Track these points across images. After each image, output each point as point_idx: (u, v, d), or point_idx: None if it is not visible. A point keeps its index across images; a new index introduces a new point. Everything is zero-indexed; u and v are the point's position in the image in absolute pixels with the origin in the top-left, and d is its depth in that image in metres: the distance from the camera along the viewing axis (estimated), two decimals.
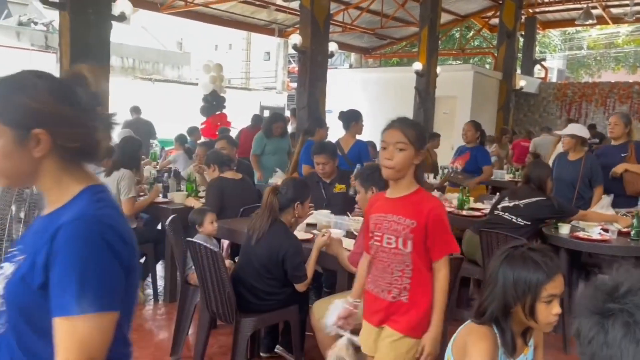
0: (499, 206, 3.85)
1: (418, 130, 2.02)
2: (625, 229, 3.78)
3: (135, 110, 9.46)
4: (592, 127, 11.08)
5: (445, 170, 6.54)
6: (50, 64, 12.23)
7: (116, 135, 8.23)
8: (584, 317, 0.90)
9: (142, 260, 4.45)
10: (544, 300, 1.50)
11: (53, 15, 13.58)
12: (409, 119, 2.09)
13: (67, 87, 1.08)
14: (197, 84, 11.69)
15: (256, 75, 24.60)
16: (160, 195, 4.62)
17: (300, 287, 2.90)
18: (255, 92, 20.74)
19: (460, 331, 1.65)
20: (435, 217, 1.97)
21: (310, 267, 2.91)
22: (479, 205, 4.80)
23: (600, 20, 14.12)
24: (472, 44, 17.97)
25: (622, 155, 4.53)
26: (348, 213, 3.84)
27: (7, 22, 16.43)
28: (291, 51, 11.72)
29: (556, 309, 1.51)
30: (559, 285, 1.52)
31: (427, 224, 1.95)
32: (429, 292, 2.03)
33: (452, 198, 4.78)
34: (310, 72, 7.83)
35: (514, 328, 1.56)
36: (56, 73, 5.26)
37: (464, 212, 4.45)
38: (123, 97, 9.76)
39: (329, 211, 3.75)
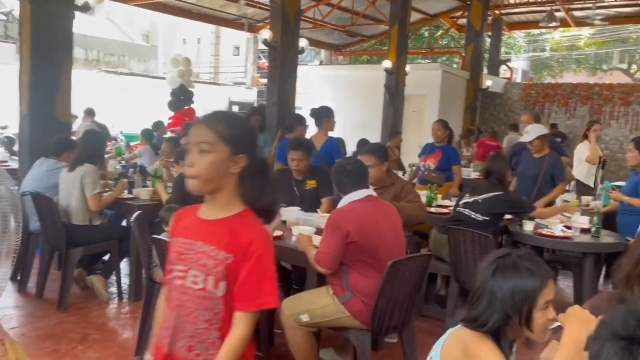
0: (460, 202, 3.90)
1: (234, 127, 1.47)
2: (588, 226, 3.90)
3: (90, 112, 9.15)
4: (553, 127, 11.40)
5: (413, 168, 6.61)
6: (9, 54, 11.79)
7: (79, 129, 8.03)
8: (609, 339, 0.86)
9: (107, 257, 4.35)
10: (541, 307, 1.48)
11: (13, 4, 13.11)
12: (226, 112, 1.56)
13: None
14: (164, 78, 11.49)
15: (225, 70, 24.34)
16: (126, 191, 4.51)
17: None
18: (224, 87, 20.52)
19: (450, 336, 1.61)
20: (255, 253, 1.42)
21: None
22: (446, 202, 4.86)
23: (563, 23, 14.52)
24: (440, 43, 18.20)
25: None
26: (318, 210, 3.83)
27: None
28: (261, 46, 11.62)
29: (552, 314, 1.50)
30: (553, 290, 1.51)
31: (244, 260, 1.42)
32: (250, 349, 1.51)
33: (421, 195, 4.83)
34: (281, 67, 7.78)
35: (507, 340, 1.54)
36: (16, 64, 5.06)
37: (432, 209, 4.50)
38: (87, 90, 9.50)
39: (299, 208, 3.73)
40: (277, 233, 3.25)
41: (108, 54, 17.73)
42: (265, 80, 11.62)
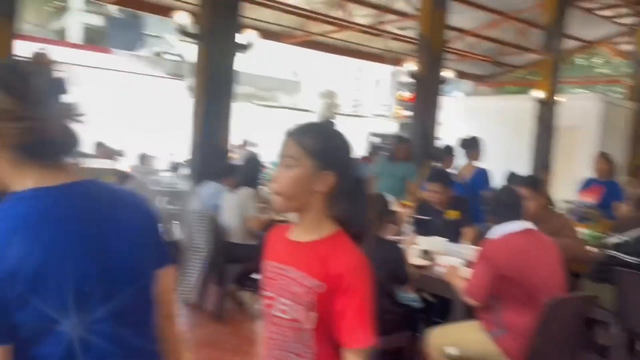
0: (610, 244, 3.51)
1: (322, 140, 1.32)
2: None
3: (247, 143, 10.12)
4: None
5: (569, 204, 6.13)
6: (181, 91, 13.39)
7: (241, 157, 8.82)
8: None
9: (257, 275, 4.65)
10: None
11: (183, 47, 14.92)
12: (316, 125, 1.43)
13: (14, 76, 0.94)
14: (310, 111, 12.14)
15: (367, 102, 24.95)
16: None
17: (407, 287, 3.00)
18: (365, 119, 20.99)
19: None
20: (352, 280, 1.25)
21: None
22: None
23: None
24: (599, 71, 16.82)
25: None
26: (459, 240, 3.76)
27: (143, 53, 18.66)
28: (403, 78, 11.77)
29: None
30: None
31: (340, 289, 1.25)
32: None
33: (580, 233, 4.46)
34: (424, 99, 7.80)
35: None
36: (187, 100, 5.76)
37: (594, 249, 4.12)
38: (244, 121, 10.50)
39: (443, 239, 3.69)
40: (424, 263, 3.24)
41: (261, 89, 19.21)
42: (406, 112, 11.70)
